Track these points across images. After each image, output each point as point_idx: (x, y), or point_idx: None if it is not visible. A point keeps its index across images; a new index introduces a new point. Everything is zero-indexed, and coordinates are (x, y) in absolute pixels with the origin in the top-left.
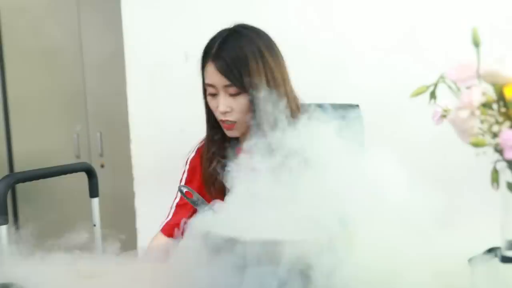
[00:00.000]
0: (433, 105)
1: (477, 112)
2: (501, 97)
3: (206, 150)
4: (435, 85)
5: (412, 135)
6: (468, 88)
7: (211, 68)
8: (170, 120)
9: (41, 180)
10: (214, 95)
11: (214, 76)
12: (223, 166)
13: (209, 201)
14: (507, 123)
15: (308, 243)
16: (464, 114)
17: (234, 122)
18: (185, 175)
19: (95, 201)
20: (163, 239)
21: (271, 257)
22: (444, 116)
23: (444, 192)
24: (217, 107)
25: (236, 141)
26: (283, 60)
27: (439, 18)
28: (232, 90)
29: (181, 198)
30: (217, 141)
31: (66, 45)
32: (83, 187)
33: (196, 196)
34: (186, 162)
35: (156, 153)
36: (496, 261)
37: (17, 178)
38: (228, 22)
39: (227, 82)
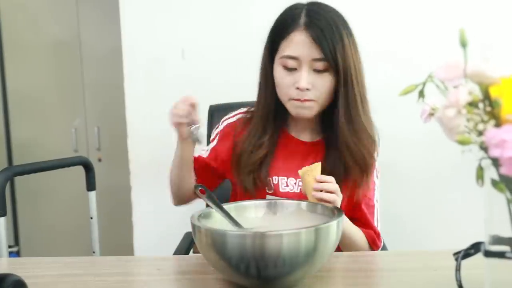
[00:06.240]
0: (422, 103)
1: (464, 111)
2: (486, 97)
3: (253, 133)
4: (424, 84)
5: (402, 133)
6: (455, 87)
7: (299, 37)
8: (166, 115)
9: (39, 173)
10: (292, 70)
11: (303, 47)
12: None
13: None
14: (492, 122)
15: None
16: (451, 112)
17: (313, 100)
18: (217, 138)
19: (92, 194)
20: None
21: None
22: (432, 114)
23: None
24: (296, 83)
25: (280, 122)
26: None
27: (428, 25)
28: (320, 65)
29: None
30: (271, 126)
31: (65, 40)
32: (81, 180)
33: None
34: (222, 123)
35: (152, 148)
36: (479, 255)
37: (15, 171)
38: (225, 20)
39: (317, 55)
